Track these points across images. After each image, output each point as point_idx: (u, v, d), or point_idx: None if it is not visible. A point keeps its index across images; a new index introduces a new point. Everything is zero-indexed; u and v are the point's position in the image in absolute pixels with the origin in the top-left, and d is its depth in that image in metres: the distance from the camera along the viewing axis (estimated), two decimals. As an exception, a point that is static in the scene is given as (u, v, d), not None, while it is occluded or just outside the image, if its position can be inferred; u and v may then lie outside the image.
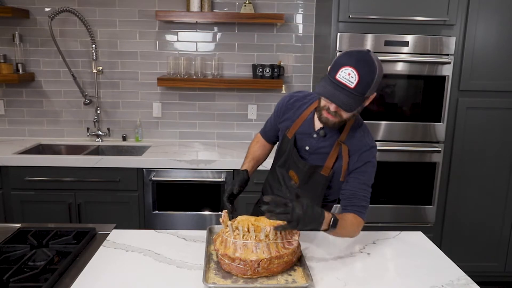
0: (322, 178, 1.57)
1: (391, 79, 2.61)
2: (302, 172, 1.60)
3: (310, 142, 1.58)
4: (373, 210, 2.76)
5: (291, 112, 1.65)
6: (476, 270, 2.78)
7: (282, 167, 1.66)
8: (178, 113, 3.20)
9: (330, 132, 1.54)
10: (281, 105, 1.69)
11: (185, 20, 2.93)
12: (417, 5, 2.53)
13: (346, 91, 1.32)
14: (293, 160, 1.62)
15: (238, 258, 1.26)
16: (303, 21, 3.10)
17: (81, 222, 2.66)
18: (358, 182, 1.52)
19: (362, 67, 1.32)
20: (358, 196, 1.51)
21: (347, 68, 1.31)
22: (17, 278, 1.24)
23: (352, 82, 1.31)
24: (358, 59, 1.32)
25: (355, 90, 1.32)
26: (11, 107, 3.14)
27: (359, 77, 1.31)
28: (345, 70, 1.31)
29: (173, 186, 2.69)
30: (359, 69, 1.31)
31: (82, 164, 2.61)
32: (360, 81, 1.31)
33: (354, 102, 1.34)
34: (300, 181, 1.60)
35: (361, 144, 1.54)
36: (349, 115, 1.43)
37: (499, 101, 2.71)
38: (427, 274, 1.38)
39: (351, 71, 1.31)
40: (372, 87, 1.35)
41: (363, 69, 1.31)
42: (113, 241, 1.55)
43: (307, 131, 1.59)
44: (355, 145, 1.53)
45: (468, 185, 2.81)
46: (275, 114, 1.73)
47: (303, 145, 1.60)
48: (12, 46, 3.01)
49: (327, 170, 1.55)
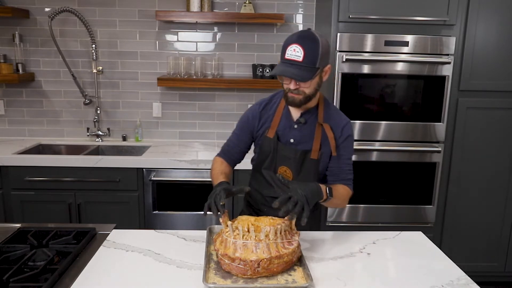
0: (313, 163, 1.63)
1: (391, 79, 2.61)
2: (293, 162, 1.63)
3: (293, 133, 1.64)
4: (373, 210, 2.76)
5: (265, 116, 1.68)
6: (476, 270, 2.78)
7: (268, 169, 1.66)
8: (178, 113, 3.20)
9: (309, 119, 1.63)
10: (253, 115, 1.70)
11: (185, 20, 2.93)
12: (417, 5, 2.53)
13: (296, 65, 1.44)
14: (281, 155, 1.64)
15: (238, 258, 1.26)
16: (303, 21, 3.10)
17: (81, 222, 2.66)
18: (343, 158, 1.64)
19: (305, 41, 1.44)
20: (344, 171, 1.65)
21: (292, 46, 1.45)
22: (17, 278, 1.24)
23: (299, 56, 1.43)
24: (299, 36, 1.46)
25: (304, 62, 1.44)
26: (11, 107, 3.14)
27: (304, 50, 1.43)
28: (290, 48, 1.45)
29: (173, 186, 2.69)
30: (302, 43, 1.44)
31: (82, 164, 2.61)
32: (306, 54, 1.43)
33: (306, 73, 1.45)
34: (294, 173, 1.64)
35: (340, 118, 1.65)
36: (310, 89, 1.52)
37: (499, 101, 2.71)
38: (427, 274, 1.38)
39: (296, 47, 1.44)
40: (320, 57, 1.45)
41: (306, 43, 1.44)
42: (113, 241, 1.55)
43: (287, 124, 1.65)
44: (334, 120, 1.63)
45: (468, 185, 2.81)
46: (248, 126, 1.71)
47: (287, 140, 1.65)
48: (12, 46, 3.01)
49: (315, 153, 1.62)
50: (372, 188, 2.74)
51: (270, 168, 1.66)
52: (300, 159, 1.62)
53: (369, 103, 2.65)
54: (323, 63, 1.48)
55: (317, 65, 1.45)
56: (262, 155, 1.68)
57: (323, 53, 1.46)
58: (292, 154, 1.62)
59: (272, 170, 1.66)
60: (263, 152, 1.68)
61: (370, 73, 2.59)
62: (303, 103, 1.55)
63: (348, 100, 2.61)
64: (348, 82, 2.59)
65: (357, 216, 2.76)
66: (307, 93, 1.52)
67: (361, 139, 2.67)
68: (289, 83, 1.50)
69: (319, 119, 1.61)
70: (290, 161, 1.63)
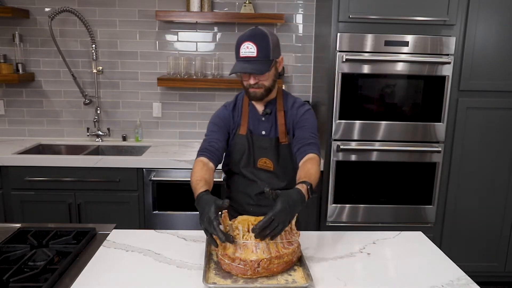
0: (285, 147, 1.70)
1: (391, 79, 2.61)
2: (270, 151, 1.69)
3: (263, 125, 1.71)
4: (373, 210, 2.76)
5: (236, 116, 1.75)
6: (476, 270, 2.78)
7: (247, 166, 1.71)
8: (178, 113, 3.20)
9: (272, 109, 1.71)
10: (226, 116, 1.74)
11: (185, 20, 2.93)
12: (417, 5, 2.53)
13: (252, 61, 1.54)
14: (258, 147, 1.70)
15: (238, 258, 1.26)
16: (303, 21, 3.10)
17: (81, 222, 2.66)
18: (305, 130, 1.67)
19: (256, 37, 1.54)
20: (306, 137, 1.66)
21: (245, 43, 1.54)
22: (17, 278, 1.23)
23: (253, 52, 1.53)
24: (250, 34, 1.55)
25: (259, 56, 1.53)
26: (11, 107, 3.14)
27: (256, 45, 1.53)
28: (243, 46, 1.54)
29: (173, 186, 2.69)
30: (254, 40, 1.53)
31: (82, 164, 2.61)
32: (259, 48, 1.53)
33: (263, 66, 1.55)
34: (273, 162, 1.70)
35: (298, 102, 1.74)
36: (269, 81, 1.61)
37: (499, 101, 2.71)
38: (427, 274, 1.38)
39: (248, 44, 1.53)
40: (272, 49, 1.56)
41: (257, 39, 1.53)
42: (113, 241, 1.55)
43: (255, 118, 1.72)
44: (292, 104, 1.73)
45: (468, 185, 2.81)
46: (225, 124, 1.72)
47: (259, 133, 1.71)
48: (12, 46, 3.01)
49: (283, 137, 1.69)
50: (372, 188, 2.74)
51: (249, 164, 1.71)
52: (276, 147, 1.70)
53: (369, 103, 2.64)
54: (276, 54, 1.59)
55: (270, 57, 1.56)
56: (237, 154, 1.72)
57: (274, 45, 1.57)
58: (268, 143, 1.70)
59: (252, 166, 1.71)
60: (237, 152, 1.72)
61: (370, 73, 2.59)
62: (264, 95, 1.64)
63: (348, 100, 2.61)
64: (348, 82, 2.59)
65: (357, 216, 2.76)
66: (266, 85, 1.61)
67: (361, 139, 2.67)
68: (248, 79, 1.59)
69: (278, 106, 1.71)
70: (267, 151, 1.70)
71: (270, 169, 1.71)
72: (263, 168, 1.71)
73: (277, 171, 1.71)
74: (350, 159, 2.68)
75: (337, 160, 2.67)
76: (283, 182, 1.72)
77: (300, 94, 3.19)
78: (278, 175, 1.71)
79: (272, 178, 1.71)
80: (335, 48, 2.56)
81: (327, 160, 2.69)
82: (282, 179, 1.72)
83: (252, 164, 1.71)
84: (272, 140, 1.69)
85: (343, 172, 2.69)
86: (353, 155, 2.68)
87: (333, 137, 2.65)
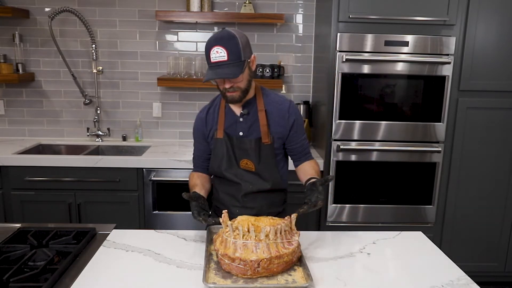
0: (268, 147, 1.69)
1: (391, 79, 2.61)
2: (251, 152, 1.68)
3: (241, 126, 1.69)
4: (373, 210, 2.76)
5: (211, 120, 1.75)
6: (476, 270, 2.78)
7: (230, 168, 1.71)
8: (178, 113, 3.20)
9: (251, 109, 1.69)
10: (200, 122, 1.77)
11: (185, 20, 2.93)
12: (417, 5, 2.53)
13: (224, 65, 1.51)
14: (238, 148, 1.69)
15: (238, 258, 1.26)
16: (303, 21, 3.10)
17: (81, 222, 2.66)
18: (300, 137, 1.74)
19: (224, 41, 1.50)
20: (305, 147, 1.76)
21: (214, 48, 1.50)
22: (17, 278, 1.24)
23: (224, 56, 1.49)
24: (217, 38, 1.52)
25: (230, 60, 1.50)
26: (11, 107, 3.14)
27: (226, 49, 1.49)
28: (213, 51, 1.50)
29: (173, 186, 2.69)
30: (222, 43, 1.50)
31: (82, 164, 2.61)
32: (230, 51, 1.50)
33: (236, 69, 1.51)
34: (255, 163, 1.69)
35: (281, 101, 1.71)
36: (244, 82, 1.58)
37: (499, 101, 2.71)
38: (427, 274, 1.38)
39: (218, 48, 1.50)
40: (242, 49, 1.52)
41: (226, 42, 1.50)
42: (113, 241, 1.55)
43: (232, 120, 1.71)
44: (276, 104, 1.70)
45: (468, 185, 2.81)
46: (200, 133, 1.78)
47: (236, 134, 1.70)
48: (12, 46, 3.01)
49: (266, 138, 1.68)
50: (372, 188, 2.74)
51: (231, 166, 1.71)
52: (257, 147, 1.68)
53: (369, 103, 2.65)
54: (247, 54, 1.55)
55: (242, 58, 1.52)
56: (217, 157, 1.73)
57: (244, 46, 1.53)
58: (248, 145, 1.69)
59: (234, 167, 1.71)
60: (217, 155, 1.73)
61: (370, 73, 2.59)
62: (242, 97, 1.62)
63: (348, 100, 2.61)
64: (348, 82, 2.59)
65: (357, 216, 2.76)
66: (242, 87, 1.59)
67: (361, 139, 2.67)
68: (223, 83, 1.57)
69: (259, 106, 1.68)
70: (248, 152, 1.69)
71: (252, 170, 1.70)
72: (246, 169, 1.71)
73: (260, 171, 1.70)
74: (350, 159, 2.68)
75: (337, 160, 2.67)
76: (267, 182, 1.71)
77: (300, 94, 3.20)
78: (262, 176, 1.70)
79: (256, 179, 1.70)
80: (335, 48, 2.56)
81: (327, 160, 2.69)
82: (266, 179, 1.71)
83: (236, 165, 1.71)
84: (252, 141, 1.68)
85: (343, 172, 2.69)
86: (353, 155, 2.68)
87: (333, 137, 2.65)
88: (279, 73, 3.05)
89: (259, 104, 1.68)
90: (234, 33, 1.52)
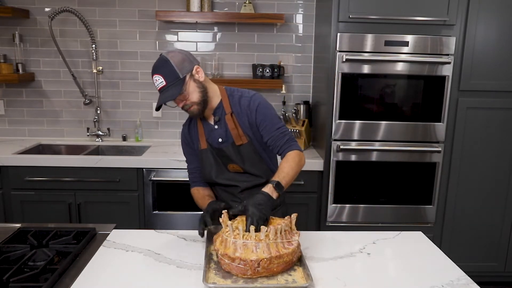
0: (246, 146, 1.72)
1: (391, 79, 2.61)
2: (233, 156, 1.72)
3: (218, 133, 1.74)
4: (373, 210, 2.76)
5: (193, 134, 1.81)
6: (476, 270, 2.78)
7: (221, 174, 1.76)
8: (178, 113, 3.19)
9: (221, 114, 1.73)
10: (186, 138, 1.84)
11: (185, 20, 2.93)
12: (417, 5, 2.53)
13: (164, 89, 1.60)
14: (222, 156, 1.74)
15: (238, 258, 1.26)
16: (303, 21, 3.10)
17: (81, 222, 2.66)
18: (270, 128, 1.69)
19: (157, 68, 1.60)
20: (278, 137, 1.69)
21: (153, 78, 1.61)
22: (17, 278, 1.24)
23: (162, 82, 1.59)
24: (153, 67, 1.62)
25: (169, 83, 1.58)
26: (11, 107, 3.14)
27: (161, 75, 1.59)
28: (154, 80, 1.61)
29: (173, 186, 2.69)
30: (157, 71, 1.60)
31: (82, 164, 2.61)
32: (165, 76, 1.58)
33: (174, 89, 1.59)
34: (240, 165, 1.73)
35: (244, 98, 1.73)
36: (195, 95, 1.63)
37: (499, 101, 2.71)
38: (427, 274, 1.38)
39: (156, 77, 1.60)
40: (178, 69, 1.59)
41: (159, 69, 1.60)
42: (113, 241, 1.55)
43: (209, 129, 1.76)
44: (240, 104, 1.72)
45: (468, 185, 2.81)
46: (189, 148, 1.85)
47: (217, 141, 1.74)
48: (12, 46, 3.01)
49: (239, 140, 1.70)
50: (372, 188, 2.74)
51: (222, 172, 1.76)
52: (235, 151, 1.72)
53: (369, 103, 2.64)
54: (185, 71, 1.61)
55: (180, 76, 1.59)
56: (207, 168, 1.77)
57: (178, 64, 1.59)
58: (226, 152, 1.73)
59: (225, 173, 1.76)
60: (207, 166, 1.77)
61: (370, 73, 2.59)
62: (202, 109, 1.67)
63: (348, 100, 2.61)
64: (348, 82, 2.59)
65: (357, 216, 2.76)
66: (196, 101, 1.64)
67: (361, 139, 2.67)
68: (175, 105, 1.66)
69: (226, 110, 1.71)
70: (230, 158, 1.73)
71: (241, 171, 1.75)
72: (236, 171, 1.76)
73: (248, 170, 1.74)
74: (350, 159, 2.68)
75: (337, 160, 2.67)
76: (260, 177, 1.75)
77: (300, 94, 3.19)
78: (252, 173, 1.75)
79: (248, 177, 1.75)
80: (335, 48, 2.56)
81: (327, 160, 2.68)
82: (258, 174, 1.75)
83: (226, 171, 1.76)
84: (229, 147, 1.72)
85: (343, 172, 2.69)
86: (353, 155, 2.68)
87: (333, 137, 2.65)
88: (279, 73, 3.05)
89: (226, 108, 1.72)
90: (166, 57, 1.60)
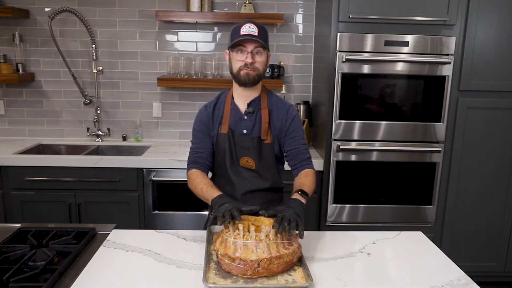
0: (268, 147, 1.71)
1: (391, 79, 2.61)
2: (253, 150, 1.70)
3: (245, 124, 1.71)
4: (373, 210, 2.76)
5: (216, 115, 1.74)
6: (476, 270, 2.78)
7: (233, 164, 1.71)
8: (178, 113, 3.20)
9: (255, 107, 1.71)
10: (206, 117, 1.74)
11: (185, 20, 2.93)
12: (417, 5, 2.53)
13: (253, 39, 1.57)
14: (239, 146, 1.70)
15: (238, 258, 1.26)
16: (303, 21, 3.10)
17: (81, 222, 2.66)
18: (297, 139, 1.72)
19: (255, 23, 1.60)
20: (302, 152, 1.72)
21: (246, 24, 1.58)
22: (17, 278, 1.24)
23: (255, 32, 1.57)
24: (249, 20, 1.62)
25: (260, 37, 1.58)
26: (11, 107, 3.14)
27: (257, 27, 1.58)
28: (245, 26, 1.57)
29: (173, 186, 2.69)
30: (254, 23, 1.59)
31: (82, 164, 2.62)
32: (260, 30, 1.58)
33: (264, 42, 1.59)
34: (255, 161, 1.71)
35: (282, 103, 1.75)
36: (262, 66, 1.63)
37: (499, 101, 2.71)
38: (427, 274, 1.38)
39: (250, 25, 1.58)
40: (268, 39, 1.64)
41: (257, 24, 1.60)
42: (113, 241, 1.55)
43: (237, 117, 1.72)
44: (277, 105, 1.73)
45: (468, 185, 2.81)
46: (205, 127, 1.73)
47: (240, 131, 1.71)
48: (12, 46, 3.01)
49: (266, 135, 1.70)
50: (372, 188, 2.74)
51: (233, 163, 1.71)
52: (258, 146, 1.70)
53: (369, 103, 2.65)
54: (268, 47, 1.64)
55: (267, 44, 1.63)
56: (221, 154, 1.72)
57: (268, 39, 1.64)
58: (249, 143, 1.69)
59: (235, 164, 1.71)
60: (221, 151, 1.72)
61: (370, 73, 2.59)
62: (256, 80, 1.64)
63: (348, 100, 2.61)
64: (348, 82, 2.59)
65: (357, 216, 2.76)
66: (260, 69, 1.63)
67: (361, 139, 2.67)
68: (245, 58, 1.60)
69: (263, 104, 1.71)
70: (249, 150, 1.70)
71: (252, 168, 1.71)
72: (245, 166, 1.72)
73: (259, 169, 1.72)
74: (350, 159, 2.68)
75: (337, 160, 2.67)
76: (266, 181, 1.73)
77: (300, 94, 3.20)
78: (261, 174, 1.72)
79: (255, 177, 1.72)
80: (335, 48, 2.56)
81: (327, 160, 2.68)
82: (265, 178, 1.73)
83: (236, 162, 1.72)
84: (254, 139, 1.69)
85: (343, 172, 2.69)
86: (353, 155, 2.68)
87: (333, 137, 2.65)
88: (279, 73, 3.05)
89: (263, 102, 1.71)
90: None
